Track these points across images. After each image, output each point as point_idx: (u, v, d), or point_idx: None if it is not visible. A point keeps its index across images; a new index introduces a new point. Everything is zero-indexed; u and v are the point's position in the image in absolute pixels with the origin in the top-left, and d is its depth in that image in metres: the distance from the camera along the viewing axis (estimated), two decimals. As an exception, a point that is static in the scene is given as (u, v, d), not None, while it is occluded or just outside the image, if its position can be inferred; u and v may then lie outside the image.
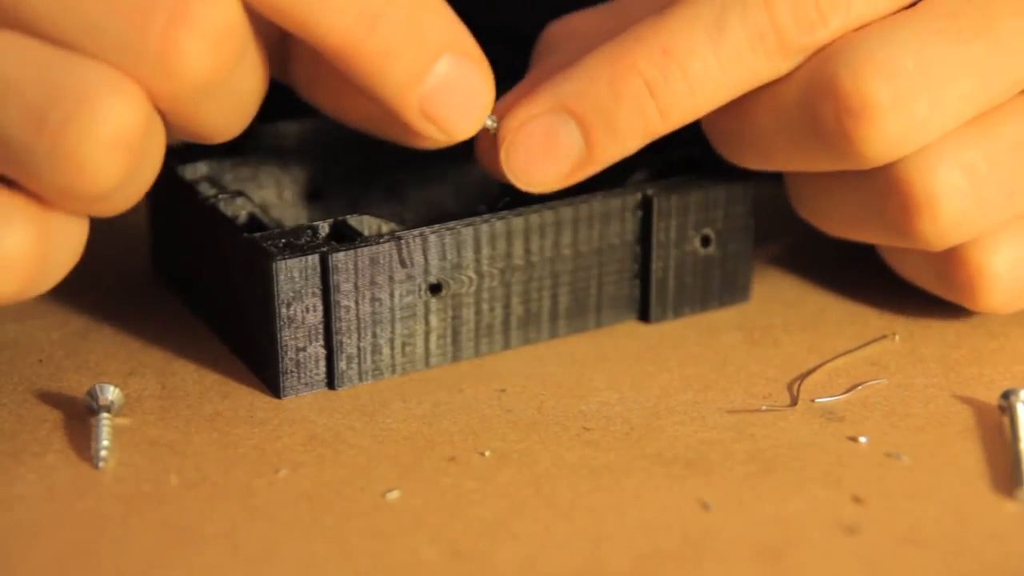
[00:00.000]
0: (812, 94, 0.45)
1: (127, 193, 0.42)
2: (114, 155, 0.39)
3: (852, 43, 0.45)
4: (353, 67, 0.43)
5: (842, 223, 0.49)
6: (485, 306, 0.48)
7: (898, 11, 0.46)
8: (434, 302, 0.47)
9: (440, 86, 0.44)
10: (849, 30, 0.45)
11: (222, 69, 0.40)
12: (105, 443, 0.44)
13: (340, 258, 0.46)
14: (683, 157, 0.51)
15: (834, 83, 0.45)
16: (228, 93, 0.42)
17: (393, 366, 0.48)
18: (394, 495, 0.43)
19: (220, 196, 0.49)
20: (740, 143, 0.48)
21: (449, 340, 0.48)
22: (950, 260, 0.48)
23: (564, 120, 0.46)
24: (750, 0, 0.45)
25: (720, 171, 0.51)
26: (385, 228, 0.47)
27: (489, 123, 0.47)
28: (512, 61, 0.50)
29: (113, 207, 0.42)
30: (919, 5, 0.46)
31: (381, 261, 0.46)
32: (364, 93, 0.44)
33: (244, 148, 0.53)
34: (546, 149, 0.46)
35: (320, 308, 0.46)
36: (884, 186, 0.46)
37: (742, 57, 0.45)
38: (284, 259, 0.45)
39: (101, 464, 0.43)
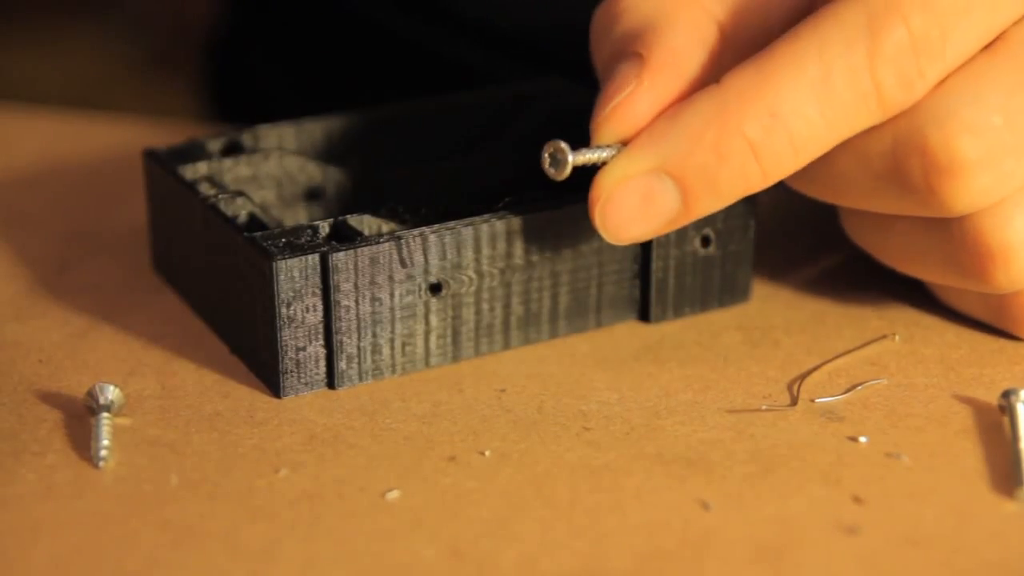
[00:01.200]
0: (899, 148, 0.45)
1: None
2: None
3: (939, 98, 0.44)
4: None
5: (903, 260, 0.49)
6: (485, 306, 0.48)
7: (980, 52, 0.45)
8: (434, 302, 0.47)
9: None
10: (940, 79, 0.45)
11: None
12: (105, 443, 0.44)
13: (340, 258, 0.46)
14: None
15: (922, 140, 0.44)
16: None
17: (393, 366, 0.48)
18: (394, 495, 0.43)
19: (220, 196, 0.49)
20: (813, 179, 0.48)
21: (449, 340, 0.48)
22: (1005, 297, 0.48)
23: (663, 181, 0.45)
24: (855, 59, 0.44)
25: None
26: (385, 228, 0.47)
27: (591, 155, 0.46)
28: (510, 63, 0.49)
29: None
30: (998, 49, 0.45)
31: (381, 261, 0.46)
32: None
33: (244, 148, 0.53)
34: (643, 209, 0.46)
35: (320, 308, 0.46)
36: (958, 233, 0.46)
37: (846, 116, 0.44)
38: (284, 259, 0.45)
39: (101, 464, 0.43)
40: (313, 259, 0.46)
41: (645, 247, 0.50)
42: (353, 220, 0.47)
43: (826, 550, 0.41)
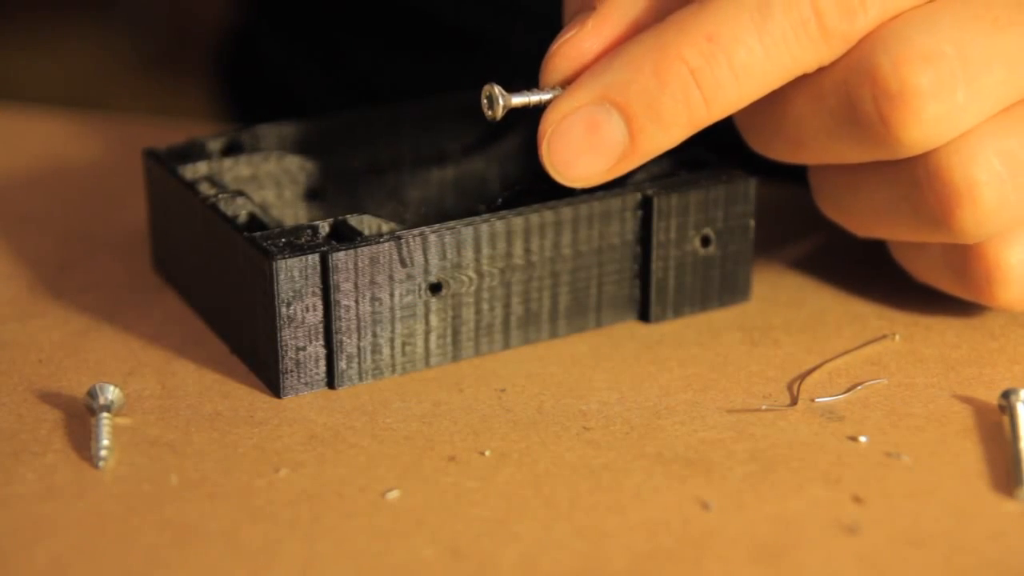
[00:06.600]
0: (851, 79, 0.45)
1: None
2: None
3: (891, 29, 0.45)
4: None
5: (870, 218, 0.49)
6: (485, 306, 0.48)
7: None
8: (434, 302, 0.47)
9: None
10: (888, 18, 0.45)
11: None
12: (105, 443, 0.44)
13: (340, 257, 0.46)
14: (684, 158, 0.51)
15: (873, 67, 0.45)
16: None
17: (393, 366, 0.48)
18: (394, 495, 0.43)
19: (220, 196, 0.49)
20: (773, 132, 0.48)
21: (449, 340, 0.48)
22: (967, 256, 0.48)
23: (607, 111, 0.46)
24: None
25: (720, 171, 0.51)
26: (385, 228, 0.47)
27: (528, 97, 0.47)
28: (470, 62, 0.50)
29: None
30: None
31: (381, 261, 0.46)
32: None
33: (244, 148, 0.53)
34: (589, 141, 0.46)
35: (320, 308, 0.46)
36: (923, 176, 0.46)
37: (786, 44, 0.45)
38: (284, 258, 0.45)
39: (101, 464, 0.43)
40: (313, 259, 0.46)
41: (645, 247, 0.50)
42: (353, 220, 0.47)
43: (826, 550, 0.41)
